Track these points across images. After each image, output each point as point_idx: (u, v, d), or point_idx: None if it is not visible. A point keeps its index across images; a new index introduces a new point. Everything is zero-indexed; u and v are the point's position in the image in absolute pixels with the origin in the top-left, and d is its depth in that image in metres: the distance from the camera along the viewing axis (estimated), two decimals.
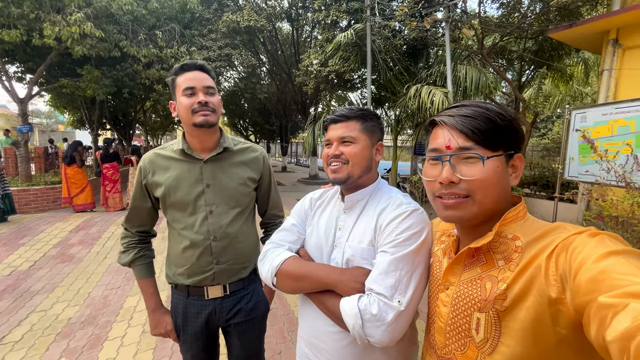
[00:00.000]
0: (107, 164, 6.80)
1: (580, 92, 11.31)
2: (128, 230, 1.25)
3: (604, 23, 4.79)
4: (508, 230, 0.60)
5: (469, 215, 0.60)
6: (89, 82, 7.02)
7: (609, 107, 3.95)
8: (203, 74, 1.12)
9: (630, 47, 4.76)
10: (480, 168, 0.58)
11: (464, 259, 0.65)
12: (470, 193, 0.59)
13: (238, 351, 1.26)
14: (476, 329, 0.58)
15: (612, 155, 3.44)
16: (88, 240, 4.85)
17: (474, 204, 0.59)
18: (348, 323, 0.74)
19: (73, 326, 2.65)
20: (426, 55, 8.23)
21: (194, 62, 1.13)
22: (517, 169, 0.62)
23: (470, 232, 0.65)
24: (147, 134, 19.53)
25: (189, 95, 1.08)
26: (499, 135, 0.59)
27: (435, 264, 0.74)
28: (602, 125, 4.02)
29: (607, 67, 4.98)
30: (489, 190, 0.59)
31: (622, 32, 4.80)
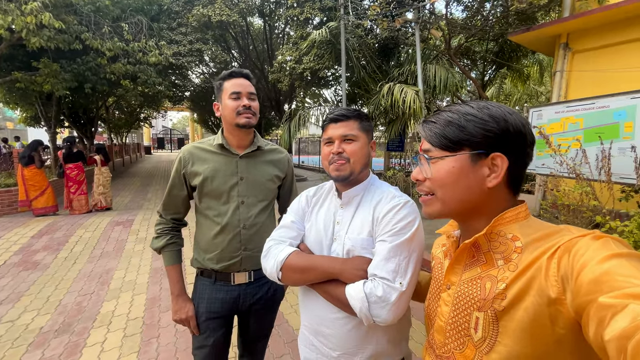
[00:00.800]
0: (71, 164, 6.38)
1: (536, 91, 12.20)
2: (163, 217, 1.35)
3: (555, 28, 5.23)
4: (507, 230, 0.59)
5: (435, 212, 0.64)
6: (46, 77, 6.51)
7: (561, 105, 4.34)
8: (247, 81, 1.26)
9: (579, 51, 5.24)
10: (434, 168, 0.62)
11: (464, 259, 0.65)
12: (433, 191, 0.63)
13: (254, 331, 1.39)
14: (475, 327, 0.59)
15: (564, 149, 3.80)
16: (53, 245, 4.57)
17: (437, 201, 0.63)
18: (355, 307, 0.81)
19: (46, 335, 2.52)
20: (397, 55, 8.51)
21: (241, 70, 1.26)
22: (496, 169, 0.59)
23: (469, 232, 0.66)
24: (111, 131, 18.40)
25: (235, 98, 1.22)
26: (461, 137, 0.60)
27: (437, 265, 0.76)
28: (555, 122, 4.41)
29: (559, 68, 5.45)
30: (446, 189, 0.61)
31: (572, 36, 5.27)
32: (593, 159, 3.54)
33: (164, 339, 2.47)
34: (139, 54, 7.11)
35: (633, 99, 3.53)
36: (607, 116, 3.79)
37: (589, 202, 3.39)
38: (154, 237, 1.34)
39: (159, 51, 7.42)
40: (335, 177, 0.95)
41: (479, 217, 0.63)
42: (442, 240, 0.80)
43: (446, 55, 7.66)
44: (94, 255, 4.25)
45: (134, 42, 7.11)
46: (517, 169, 0.61)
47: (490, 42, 8.54)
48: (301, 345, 1.05)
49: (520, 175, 0.62)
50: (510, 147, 0.59)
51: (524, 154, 0.61)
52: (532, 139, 0.61)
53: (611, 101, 3.74)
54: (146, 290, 3.30)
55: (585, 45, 5.11)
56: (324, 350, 0.95)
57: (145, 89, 8.45)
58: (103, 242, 4.78)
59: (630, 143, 3.43)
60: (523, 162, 0.61)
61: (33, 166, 6.10)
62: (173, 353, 2.30)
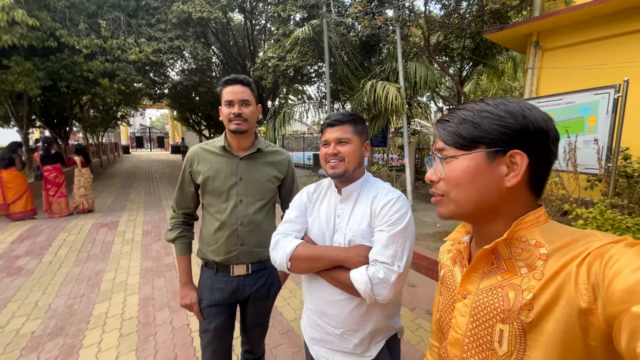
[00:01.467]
0: (49, 166, 6.17)
1: (510, 87, 12.74)
2: (175, 212, 1.48)
3: (527, 27, 5.51)
4: (529, 235, 0.56)
5: (448, 213, 0.61)
6: (18, 75, 6.23)
7: (532, 101, 4.62)
8: (243, 87, 1.33)
9: (549, 49, 5.56)
10: (447, 167, 0.60)
11: (482, 266, 0.62)
12: (445, 192, 0.61)
13: (252, 319, 1.50)
14: (499, 341, 0.55)
15: None
16: (36, 250, 4.45)
17: (450, 201, 0.60)
18: (359, 288, 0.94)
19: (39, 339, 2.52)
20: (379, 52, 8.67)
21: (236, 77, 1.34)
22: (515, 167, 0.55)
23: (484, 236, 0.64)
24: (86, 131, 17.69)
25: (228, 105, 1.33)
26: (475, 134, 0.57)
27: (447, 274, 0.72)
28: None
29: (530, 65, 5.76)
30: (461, 190, 0.58)
31: (542, 35, 5.58)
32: (561, 151, 3.82)
33: (161, 336, 2.52)
34: (117, 51, 6.91)
35: (596, 95, 3.81)
36: (573, 111, 4.08)
37: (558, 191, 3.67)
38: (168, 229, 1.49)
39: (139, 48, 7.23)
40: (331, 175, 1.07)
41: (495, 220, 0.60)
42: (447, 246, 0.79)
43: (426, 53, 7.90)
44: (81, 258, 4.18)
45: (112, 40, 6.90)
46: (539, 168, 0.57)
47: (467, 39, 8.86)
48: (306, 327, 1.16)
49: (543, 175, 0.58)
50: (531, 144, 0.55)
51: (547, 152, 0.56)
52: (555, 135, 0.56)
53: (577, 97, 4.02)
54: (138, 290, 3.31)
55: (554, 43, 5.43)
56: (329, 329, 1.07)
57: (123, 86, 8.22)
58: (88, 244, 4.70)
59: (594, 136, 3.72)
60: (547, 161, 0.57)
61: (13, 168, 5.89)
62: (171, 349, 2.36)
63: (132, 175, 13.55)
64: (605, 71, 4.69)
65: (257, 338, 1.58)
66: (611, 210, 2.91)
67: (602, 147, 3.58)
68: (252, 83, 1.38)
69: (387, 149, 11.38)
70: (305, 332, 1.17)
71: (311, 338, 1.13)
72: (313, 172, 11.45)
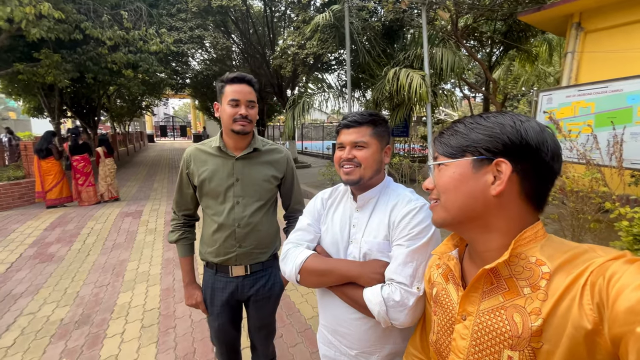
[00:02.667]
0: (78, 156, 6.42)
1: (544, 72, 11.89)
2: (176, 213, 1.47)
3: (568, 7, 5.03)
4: (529, 252, 0.55)
5: (439, 220, 0.63)
6: (48, 68, 6.46)
7: (572, 89, 4.24)
8: (249, 87, 1.29)
9: (592, 31, 5.06)
10: (437, 174, 0.62)
11: (482, 285, 0.60)
12: (438, 197, 0.63)
13: (254, 321, 1.49)
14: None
15: (575, 135, 3.74)
16: (66, 237, 4.66)
17: (441, 208, 0.62)
18: (373, 310, 0.83)
19: (67, 327, 2.62)
20: (403, 37, 8.28)
21: (244, 76, 1.29)
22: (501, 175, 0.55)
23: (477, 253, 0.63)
24: (113, 120, 18.38)
25: (233, 105, 1.26)
26: (462, 143, 0.59)
27: (441, 292, 0.70)
28: (566, 106, 4.32)
29: (570, 49, 5.28)
30: (448, 195, 0.60)
31: (584, 15, 5.08)
32: (604, 144, 3.49)
33: (181, 329, 2.56)
34: (139, 42, 6.98)
35: None
36: (620, 100, 3.71)
37: (598, 188, 3.36)
38: (170, 231, 1.49)
39: (160, 39, 7.28)
40: (345, 181, 0.97)
41: (487, 232, 0.59)
42: (434, 260, 0.76)
43: (453, 37, 7.45)
44: (107, 247, 4.34)
45: (134, 31, 6.97)
46: (535, 181, 0.55)
47: (498, 22, 8.26)
48: (320, 344, 1.09)
49: (542, 188, 0.56)
50: (522, 155, 0.54)
51: (544, 165, 0.55)
52: (552, 147, 0.55)
53: (625, 84, 3.65)
54: (160, 281, 3.39)
55: (599, 24, 4.93)
56: (342, 349, 0.98)
57: (146, 77, 8.36)
58: (114, 233, 4.87)
59: None
60: (544, 174, 0.55)
61: (51, 158, 6.19)
62: (190, 342, 2.39)
63: (156, 164, 13.97)
64: None
65: (263, 341, 1.55)
66: None
67: None
68: (256, 83, 1.33)
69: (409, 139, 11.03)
70: (320, 349, 1.10)
71: (324, 356, 1.06)
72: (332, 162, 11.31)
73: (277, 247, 1.50)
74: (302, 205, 1.56)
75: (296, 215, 1.53)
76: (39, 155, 6.13)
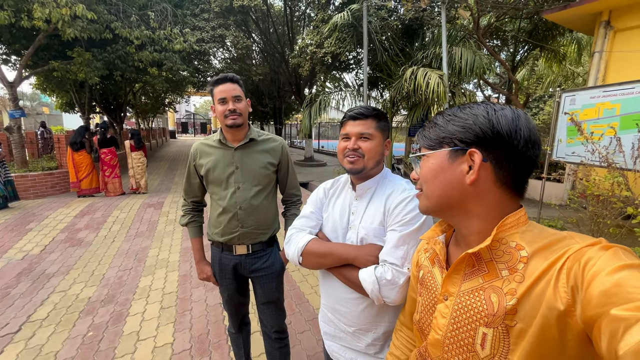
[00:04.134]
0: (105, 149, 6.79)
1: (573, 72, 11.42)
2: (185, 200, 1.65)
3: (597, 5, 4.85)
4: (510, 237, 0.58)
5: (423, 208, 0.68)
6: (80, 65, 6.86)
7: (597, 90, 4.09)
8: (233, 84, 1.43)
9: (621, 30, 4.86)
10: (424, 164, 0.66)
11: (463, 268, 0.63)
12: (421, 186, 0.67)
13: (261, 297, 1.63)
14: (481, 344, 0.56)
15: (597, 137, 3.62)
16: (94, 224, 4.97)
17: (424, 197, 0.66)
18: (367, 288, 0.91)
19: (94, 304, 2.83)
20: (422, 36, 8.20)
21: (226, 75, 1.44)
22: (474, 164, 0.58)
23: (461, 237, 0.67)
24: (138, 116, 19.14)
25: (222, 103, 1.43)
26: (439, 135, 0.63)
27: (427, 274, 0.73)
28: (590, 108, 4.18)
29: (598, 49, 5.09)
30: (428, 185, 0.64)
31: (614, 14, 4.89)
32: (628, 148, 3.37)
33: (196, 312, 2.71)
34: (164, 41, 7.29)
35: None
36: None
37: (620, 192, 3.26)
38: (181, 215, 1.69)
39: (183, 38, 7.56)
40: (348, 170, 1.03)
41: (468, 218, 0.62)
42: (423, 245, 0.80)
43: (474, 36, 7.31)
44: (130, 235, 4.59)
45: (160, 30, 7.28)
46: (511, 169, 0.57)
47: (523, 20, 8.03)
48: (321, 322, 1.17)
49: (518, 175, 0.58)
50: (495, 144, 0.57)
51: (517, 153, 0.57)
52: (526, 134, 0.57)
53: None
54: (178, 267, 3.57)
55: (629, 23, 4.73)
56: (341, 326, 1.06)
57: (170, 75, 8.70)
58: (137, 222, 5.14)
59: None
60: (519, 162, 0.57)
61: (83, 151, 6.63)
62: (205, 324, 2.53)
63: (177, 159, 14.47)
64: None
65: (269, 316, 1.66)
66: None
67: None
68: (240, 80, 1.47)
69: None
70: (320, 327, 1.18)
71: (325, 332, 1.14)
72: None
73: (276, 228, 1.64)
74: (297, 189, 1.71)
75: (292, 199, 1.69)
76: (72, 148, 6.54)
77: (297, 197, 1.71)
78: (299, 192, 1.73)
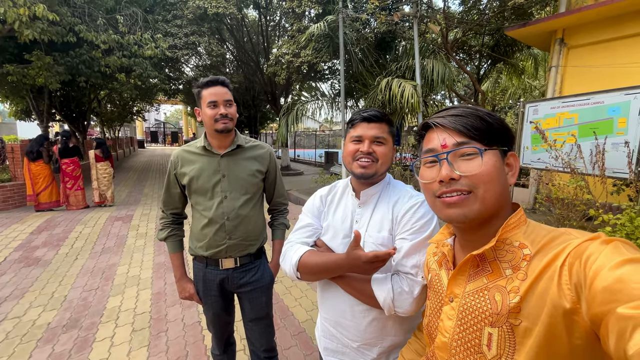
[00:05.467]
0: (67, 159, 6.31)
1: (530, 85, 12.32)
2: (164, 212, 1.52)
3: (552, 23, 5.28)
4: (513, 237, 0.58)
5: (473, 213, 0.58)
6: (39, 69, 6.38)
7: (557, 101, 4.42)
8: (224, 88, 1.35)
9: (574, 46, 5.31)
10: (479, 162, 0.58)
11: (468, 269, 0.62)
12: (472, 188, 0.57)
13: (249, 313, 1.53)
14: (488, 344, 0.55)
15: (560, 144, 3.89)
16: (53, 241, 4.55)
17: (476, 200, 0.57)
18: (379, 297, 0.87)
19: (54, 330, 2.55)
20: (395, 49, 8.50)
21: (217, 78, 1.36)
22: (512, 168, 0.61)
23: (470, 238, 0.64)
24: (103, 125, 18.12)
25: (212, 107, 1.34)
26: (492, 132, 0.60)
27: (434, 277, 0.72)
28: (551, 117, 4.49)
29: (554, 64, 5.52)
30: (490, 185, 0.57)
31: (567, 32, 5.33)
32: (587, 154, 3.63)
33: (173, 332, 2.52)
34: (134, 47, 6.98)
35: (627, 95, 3.61)
36: (601, 112, 3.88)
37: (582, 195, 3.49)
38: (159, 229, 1.56)
39: (155, 44, 7.29)
40: (359, 175, 0.95)
41: (493, 222, 0.60)
42: (432, 249, 0.79)
43: (443, 50, 7.69)
44: (96, 251, 4.25)
45: (129, 35, 6.97)
46: None
47: (486, 36, 8.58)
48: (321, 337, 1.09)
49: None
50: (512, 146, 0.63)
51: None
52: None
53: (606, 97, 3.82)
54: (151, 285, 3.33)
55: (581, 40, 5.18)
56: (344, 340, 1.00)
57: (139, 82, 8.32)
58: (103, 237, 4.77)
59: (624, 138, 3.53)
60: None
61: (41, 161, 6.11)
62: (183, 346, 2.35)
63: (147, 169, 13.79)
64: (636, 70, 4.44)
65: (259, 334, 1.56)
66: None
67: (632, 150, 3.39)
68: (230, 84, 1.40)
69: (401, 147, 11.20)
70: (319, 342, 1.11)
71: (325, 348, 1.07)
72: (325, 169, 11.37)
73: (264, 239, 1.56)
74: (285, 198, 1.65)
75: (280, 209, 1.63)
76: (29, 158, 6.02)
77: (284, 206, 1.65)
78: (287, 201, 1.67)
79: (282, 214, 1.63)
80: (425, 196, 0.68)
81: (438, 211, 0.63)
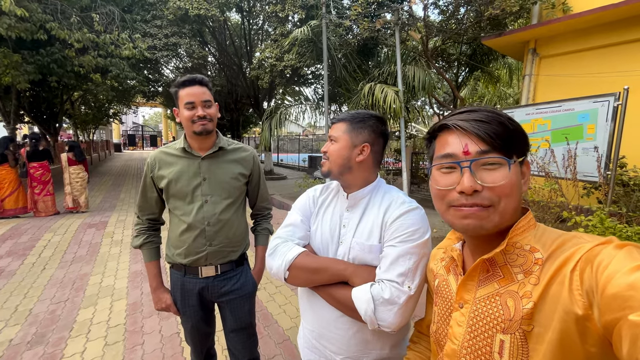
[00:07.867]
0: (35, 163, 5.96)
1: (505, 93, 12.86)
2: (139, 217, 1.44)
3: (525, 34, 5.54)
4: (523, 240, 0.56)
5: (490, 226, 0.55)
6: (6, 68, 6.02)
7: (531, 107, 4.60)
8: (202, 88, 1.28)
9: (546, 56, 5.58)
10: (505, 173, 0.54)
11: (478, 274, 0.60)
12: (493, 202, 0.54)
13: (231, 323, 1.45)
14: (499, 352, 0.53)
15: (534, 149, 4.05)
16: (19, 250, 4.26)
17: (496, 213, 0.55)
18: (360, 308, 0.80)
19: (17, 347, 2.36)
20: (377, 55, 8.65)
21: (194, 77, 1.29)
22: (525, 175, 0.58)
23: (480, 244, 0.62)
24: (77, 127, 17.31)
25: (190, 108, 1.27)
26: (512, 140, 0.56)
27: (442, 283, 0.70)
28: (526, 123, 4.67)
29: (527, 72, 5.78)
30: (511, 198, 0.55)
31: (539, 42, 5.61)
32: (560, 158, 3.80)
33: (150, 345, 2.39)
34: (110, 46, 6.72)
35: (595, 102, 3.81)
36: (572, 118, 4.07)
37: (556, 198, 3.64)
38: (133, 236, 1.46)
39: (133, 44, 7.05)
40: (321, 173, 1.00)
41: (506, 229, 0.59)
42: (439, 254, 0.76)
43: (424, 57, 7.89)
44: (66, 260, 4.01)
45: (106, 34, 6.71)
46: None
47: (464, 45, 8.89)
48: (304, 348, 1.04)
49: None
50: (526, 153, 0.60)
51: None
52: None
53: (576, 104, 4.01)
54: (126, 295, 3.17)
55: (552, 51, 5.45)
56: (327, 353, 0.95)
57: (116, 83, 8.02)
58: (75, 245, 4.52)
59: (593, 144, 3.71)
60: None
61: (6, 165, 5.77)
62: (160, 359, 2.24)
63: (123, 174, 13.27)
64: (603, 79, 4.71)
65: (241, 345, 1.48)
66: (610, 219, 2.88)
67: (601, 155, 3.57)
68: (209, 82, 1.33)
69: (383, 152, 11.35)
70: (302, 353, 1.06)
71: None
72: (308, 174, 11.33)
73: (247, 245, 1.50)
74: (268, 203, 1.59)
75: (263, 213, 1.57)
76: None
77: (268, 211, 1.59)
78: (270, 206, 1.61)
79: (266, 219, 1.58)
80: (435, 202, 0.63)
81: (451, 220, 0.59)
